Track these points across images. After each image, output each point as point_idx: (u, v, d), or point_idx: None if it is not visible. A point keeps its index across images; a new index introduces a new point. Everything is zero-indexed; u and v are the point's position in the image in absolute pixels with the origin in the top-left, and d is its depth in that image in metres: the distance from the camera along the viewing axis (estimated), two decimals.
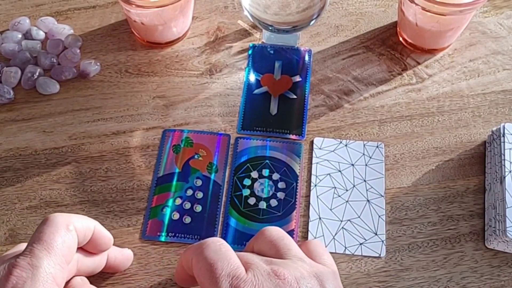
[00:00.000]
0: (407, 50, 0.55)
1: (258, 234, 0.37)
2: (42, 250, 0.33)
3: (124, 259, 0.42)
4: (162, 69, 0.53)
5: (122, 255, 0.41)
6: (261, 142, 0.49)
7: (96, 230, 0.38)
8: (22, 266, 0.32)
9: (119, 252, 0.41)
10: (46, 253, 0.33)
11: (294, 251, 0.35)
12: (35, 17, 0.57)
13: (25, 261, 0.32)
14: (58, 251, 0.33)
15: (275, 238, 0.36)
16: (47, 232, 0.34)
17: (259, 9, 0.50)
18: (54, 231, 0.34)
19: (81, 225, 0.36)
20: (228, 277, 0.31)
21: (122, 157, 0.48)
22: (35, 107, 0.51)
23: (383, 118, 0.50)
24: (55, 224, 0.34)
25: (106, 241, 0.39)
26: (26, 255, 0.32)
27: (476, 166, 0.48)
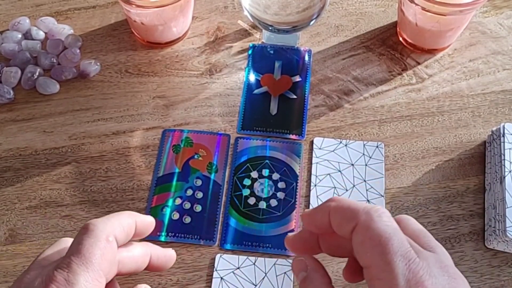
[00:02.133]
0: (407, 50, 0.55)
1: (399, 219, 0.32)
2: (80, 265, 0.32)
3: (167, 259, 0.40)
4: (162, 69, 0.53)
5: (165, 256, 0.40)
6: (261, 142, 0.49)
7: (138, 224, 0.37)
8: (59, 282, 0.31)
9: (162, 252, 0.40)
10: (84, 268, 0.32)
11: (435, 243, 0.31)
12: (35, 17, 0.57)
13: (62, 275, 0.31)
14: (96, 266, 0.32)
15: (420, 228, 0.32)
16: (86, 245, 0.32)
17: (259, 9, 0.50)
18: (93, 244, 0.32)
19: (122, 229, 0.35)
20: (403, 258, 0.27)
21: (122, 157, 0.48)
22: (35, 107, 0.51)
23: (383, 118, 0.50)
24: (94, 235, 0.33)
25: (148, 228, 0.38)
26: (64, 269, 0.31)
27: (476, 166, 0.48)
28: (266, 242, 0.44)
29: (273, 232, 0.44)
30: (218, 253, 0.43)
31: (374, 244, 0.27)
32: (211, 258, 0.43)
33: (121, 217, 0.35)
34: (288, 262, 0.43)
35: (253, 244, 0.44)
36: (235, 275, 0.42)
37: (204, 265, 0.43)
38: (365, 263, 0.28)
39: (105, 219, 0.34)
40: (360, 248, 0.28)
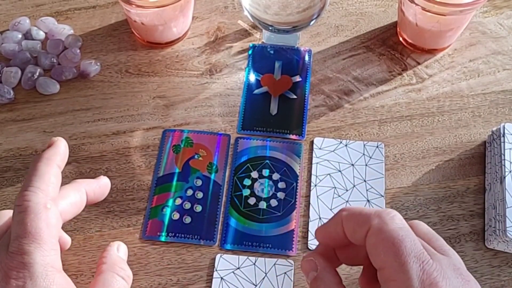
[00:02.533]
0: (407, 50, 0.55)
1: (411, 223, 0.32)
2: (31, 244, 0.32)
3: (102, 189, 0.41)
4: (162, 69, 0.54)
5: (100, 187, 0.40)
6: (261, 142, 0.49)
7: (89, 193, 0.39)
8: (17, 267, 0.31)
9: (96, 185, 0.40)
10: (36, 245, 0.32)
11: (448, 247, 0.32)
12: (35, 17, 0.57)
13: (17, 259, 0.31)
14: (45, 237, 0.32)
15: (432, 232, 0.32)
16: (29, 222, 0.32)
17: (259, 9, 0.50)
18: (35, 218, 0.32)
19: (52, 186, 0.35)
20: (417, 259, 0.27)
21: (122, 157, 0.48)
22: (35, 107, 0.51)
23: (383, 118, 0.50)
24: (32, 210, 0.33)
25: (104, 191, 0.41)
26: (17, 253, 0.31)
27: (476, 166, 0.48)
28: (266, 242, 0.44)
29: (273, 232, 0.44)
30: (218, 253, 0.43)
31: (388, 245, 0.27)
32: (211, 258, 0.43)
33: (45, 175, 0.35)
34: (288, 262, 0.43)
35: (253, 244, 0.44)
36: (235, 275, 0.42)
37: (204, 265, 0.43)
38: (379, 265, 0.28)
39: (34, 188, 0.34)
40: (374, 251, 0.28)
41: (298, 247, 0.44)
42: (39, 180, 0.34)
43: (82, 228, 0.45)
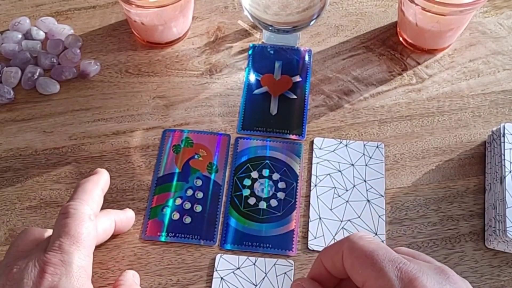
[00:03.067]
0: (407, 50, 0.55)
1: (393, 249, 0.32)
2: (72, 245, 0.34)
3: (128, 220, 0.43)
4: (162, 69, 0.53)
5: (126, 218, 0.43)
6: (261, 142, 0.49)
7: (118, 222, 0.41)
8: (55, 264, 0.33)
9: (123, 215, 0.43)
10: (75, 247, 0.34)
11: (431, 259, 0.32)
12: (35, 17, 0.57)
13: (56, 257, 0.33)
14: (85, 243, 0.34)
15: (414, 250, 0.34)
16: (73, 225, 0.34)
17: (259, 9, 0.50)
18: (79, 223, 0.35)
19: (96, 204, 0.38)
20: (392, 262, 0.28)
21: (122, 157, 0.48)
22: (35, 107, 0.51)
23: (383, 118, 0.50)
24: (77, 217, 0.35)
25: (130, 223, 0.43)
26: (57, 251, 0.33)
27: (476, 166, 0.48)
28: (266, 242, 0.44)
29: (273, 232, 0.44)
30: (218, 253, 0.43)
31: (362, 259, 0.29)
32: (211, 258, 0.43)
33: (91, 192, 0.38)
34: (288, 262, 0.43)
35: (253, 244, 0.44)
36: (235, 275, 0.42)
37: (204, 265, 0.43)
38: (361, 281, 0.29)
39: (81, 200, 0.37)
40: (353, 270, 0.29)
41: (298, 247, 0.44)
42: (85, 194, 0.37)
43: None
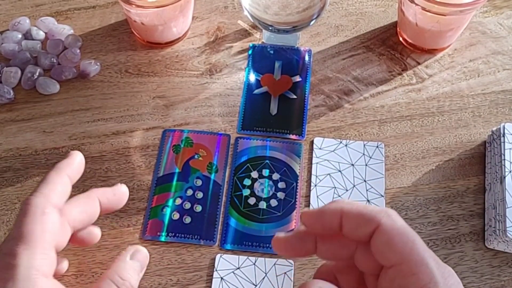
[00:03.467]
0: (407, 50, 0.55)
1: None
2: (21, 246, 0.32)
3: (118, 197, 0.39)
4: (162, 69, 0.53)
5: (114, 195, 0.39)
6: (261, 142, 0.49)
7: (103, 201, 0.38)
8: (2, 269, 0.31)
9: (110, 193, 0.39)
10: (25, 247, 0.32)
11: None
12: (35, 17, 0.57)
13: (4, 261, 0.32)
14: (38, 241, 0.33)
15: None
16: (24, 224, 0.33)
17: (259, 9, 0.50)
18: (31, 221, 0.33)
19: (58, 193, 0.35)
20: (429, 253, 0.27)
21: (122, 157, 0.48)
22: (35, 107, 0.51)
23: (383, 118, 0.50)
24: (31, 212, 0.33)
25: (120, 200, 0.39)
26: (5, 255, 0.32)
27: (476, 166, 0.48)
28: (266, 242, 0.44)
29: (273, 232, 0.44)
30: (218, 253, 0.43)
31: (404, 240, 0.27)
32: (211, 258, 0.43)
33: (51, 183, 0.36)
34: (288, 262, 0.43)
35: (253, 244, 0.44)
36: (235, 275, 0.42)
37: (204, 265, 0.43)
38: (393, 261, 0.28)
39: (38, 193, 0.35)
40: (386, 248, 0.28)
41: None
42: (44, 186, 0.35)
43: None
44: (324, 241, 0.31)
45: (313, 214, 0.30)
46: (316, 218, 0.30)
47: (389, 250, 0.28)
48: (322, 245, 0.31)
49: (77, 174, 0.39)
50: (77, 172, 0.39)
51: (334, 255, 0.31)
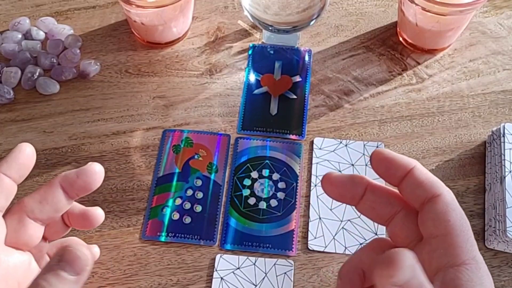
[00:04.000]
0: (407, 50, 0.55)
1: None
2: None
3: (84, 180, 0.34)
4: (162, 69, 0.53)
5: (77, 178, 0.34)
6: (261, 142, 0.49)
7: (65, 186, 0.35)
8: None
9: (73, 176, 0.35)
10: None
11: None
12: (35, 17, 0.57)
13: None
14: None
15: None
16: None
17: (259, 9, 0.50)
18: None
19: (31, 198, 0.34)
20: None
21: (122, 157, 0.48)
22: (35, 107, 0.51)
23: (383, 118, 0.50)
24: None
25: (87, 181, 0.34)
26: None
27: (476, 166, 0.48)
28: (266, 242, 0.44)
29: (273, 232, 0.44)
30: (218, 253, 0.43)
31: (458, 215, 0.28)
32: (211, 258, 0.43)
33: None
34: (288, 262, 0.43)
35: (253, 244, 0.44)
36: (235, 275, 0.42)
37: (204, 265, 0.43)
38: (441, 231, 0.28)
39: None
40: (441, 216, 0.28)
41: (298, 247, 0.44)
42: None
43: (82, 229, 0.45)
44: (374, 191, 0.31)
45: (387, 155, 0.30)
46: (388, 161, 0.30)
47: (443, 220, 0.28)
48: (371, 194, 0.31)
49: (14, 167, 0.35)
50: (14, 166, 0.35)
51: (375, 210, 0.31)
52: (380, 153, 0.30)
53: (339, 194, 0.31)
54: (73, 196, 0.35)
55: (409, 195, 0.30)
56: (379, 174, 0.31)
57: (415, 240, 0.29)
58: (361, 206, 0.31)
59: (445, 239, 0.28)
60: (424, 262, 0.28)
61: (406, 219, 0.30)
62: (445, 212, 0.28)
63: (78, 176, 0.34)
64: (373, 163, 0.31)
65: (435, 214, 0.28)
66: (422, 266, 0.26)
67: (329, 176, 0.31)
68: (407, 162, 0.30)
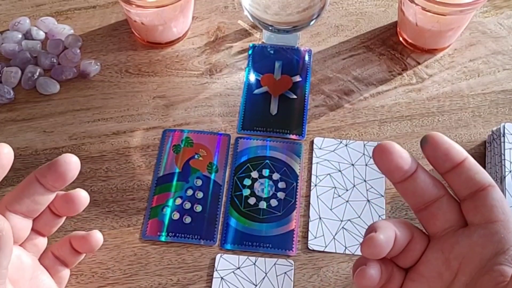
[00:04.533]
0: (407, 50, 0.55)
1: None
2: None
3: (55, 172, 0.34)
4: (162, 69, 0.54)
5: (49, 169, 0.35)
6: (261, 142, 0.49)
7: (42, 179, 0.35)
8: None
9: (44, 169, 0.35)
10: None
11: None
12: (35, 17, 0.57)
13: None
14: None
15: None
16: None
17: (259, 9, 0.50)
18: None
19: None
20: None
21: (123, 157, 0.48)
22: (35, 107, 0.51)
23: (383, 118, 0.50)
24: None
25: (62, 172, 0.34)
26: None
27: None
28: (267, 242, 0.44)
29: (274, 232, 0.44)
30: (219, 253, 0.43)
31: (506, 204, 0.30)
32: (211, 258, 0.43)
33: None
34: (288, 262, 0.43)
35: (253, 244, 0.44)
36: (235, 275, 0.42)
37: (204, 265, 0.43)
38: (495, 218, 0.29)
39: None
40: (498, 203, 0.30)
41: (298, 247, 0.44)
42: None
43: (82, 228, 0.45)
44: (424, 171, 0.31)
45: (447, 140, 0.31)
46: (448, 145, 0.30)
47: (502, 207, 0.29)
48: (422, 173, 0.31)
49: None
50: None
51: (422, 191, 0.31)
52: (440, 137, 0.31)
53: (395, 166, 0.30)
54: (50, 188, 0.35)
55: (462, 182, 0.30)
56: (431, 158, 0.31)
57: (454, 226, 0.30)
58: (408, 184, 0.31)
59: (507, 224, 0.29)
60: (476, 245, 0.29)
61: (449, 204, 0.31)
62: (503, 201, 0.30)
63: (49, 167, 0.35)
64: (429, 146, 0.31)
65: (495, 201, 0.29)
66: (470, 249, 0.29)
67: (388, 145, 0.31)
68: (462, 151, 0.31)
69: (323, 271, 0.43)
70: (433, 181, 0.31)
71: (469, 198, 0.30)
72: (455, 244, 0.30)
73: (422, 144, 0.31)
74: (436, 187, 0.31)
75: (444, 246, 0.30)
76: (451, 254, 0.30)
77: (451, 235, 0.30)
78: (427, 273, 0.30)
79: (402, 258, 0.31)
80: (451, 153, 0.30)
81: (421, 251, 0.31)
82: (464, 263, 0.29)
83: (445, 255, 0.30)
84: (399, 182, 0.31)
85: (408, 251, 0.31)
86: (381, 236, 0.29)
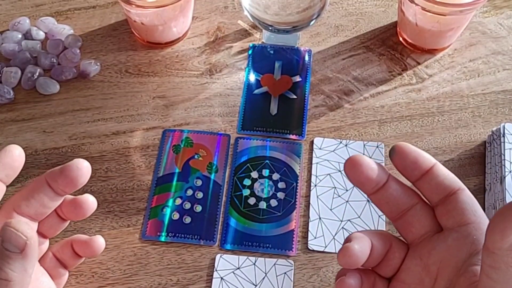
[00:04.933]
0: (407, 50, 0.55)
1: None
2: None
3: (66, 175, 0.34)
4: (162, 69, 0.54)
5: (61, 173, 0.34)
6: (261, 142, 0.49)
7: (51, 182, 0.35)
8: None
9: (56, 173, 0.35)
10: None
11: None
12: (35, 17, 0.57)
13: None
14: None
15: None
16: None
17: (259, 9, 0.50)
18: None
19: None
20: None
21: (122, 157, 0.48)
22: (35, 107, 0.51)
23: (383, 118, 0.50)
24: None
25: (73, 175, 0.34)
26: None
27: (476, 166, 0.48)
28: (266, 242, 0.44)
29: (273, 232, 0.44)
30: (218, 253, 0.43)
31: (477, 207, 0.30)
32: (211, 258, 0.43)
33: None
34: (288, 262, 0.43)
35: (253, 244, 0.44)
36: (235, 275, 0.42)
37: (204, 265, 0.43)
38: (471, 219, 0.30)
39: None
40: (471, 206, 0.30)
41: (298, 247, 0.44)
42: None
43: (82, 228, 0.45)
44: (396, 181, 0.32)
45: (414, 149, 0.31)
46: (415, 155, 0.31)
47: (473, 209, 0.30)
48: (393, 183, 0.31)
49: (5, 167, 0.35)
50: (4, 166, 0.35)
51: (395, 200, 0.31)
52: (406, 147, 0.31)
53: (366, 178, 0.30)
54: (60, 192, 0.35)
55: (432, 189, 0.31)
56: (400, 168, 0.31)
57: (430, 231, 0.31)
58: (381, 194, 0.31)
59: (479, 225, 0.29)
60: (451, 249, 0.29)
61: (423, 211, 0.31)
62: (474, 203, 0.30)
63: (61, 172, 0.34)
64: (397, 156, 0.31)
65: (465, 204, 0.30)
66: (447, 253, 0.29)
67: (358, 158, 0.30)
68: (430, 158, 0.31)
69: (323, 271, 0.43)
70: (406, 189, 0.32)
71: (441, 203, 0.31)
72: (432, 250, 0.30)
73: (391, 155, 0.31)
74: (408, 196, 0.32)
75: (422, 253, 0.30)
76: (429, 259, 0.30)
77: (427, 241, 0.31)
78: (408, 280, 0.30)
79: (383, 268, 0.31)
80: (419, 161, 0.31)
81: (400, 259, 0.31)
82: (442, 267, 0.29)
83: (424, 261, 0.30)
84: (372, 194, 0.31)
85: (388, 260, 0.31)
86: (355, 246, 0.29)
